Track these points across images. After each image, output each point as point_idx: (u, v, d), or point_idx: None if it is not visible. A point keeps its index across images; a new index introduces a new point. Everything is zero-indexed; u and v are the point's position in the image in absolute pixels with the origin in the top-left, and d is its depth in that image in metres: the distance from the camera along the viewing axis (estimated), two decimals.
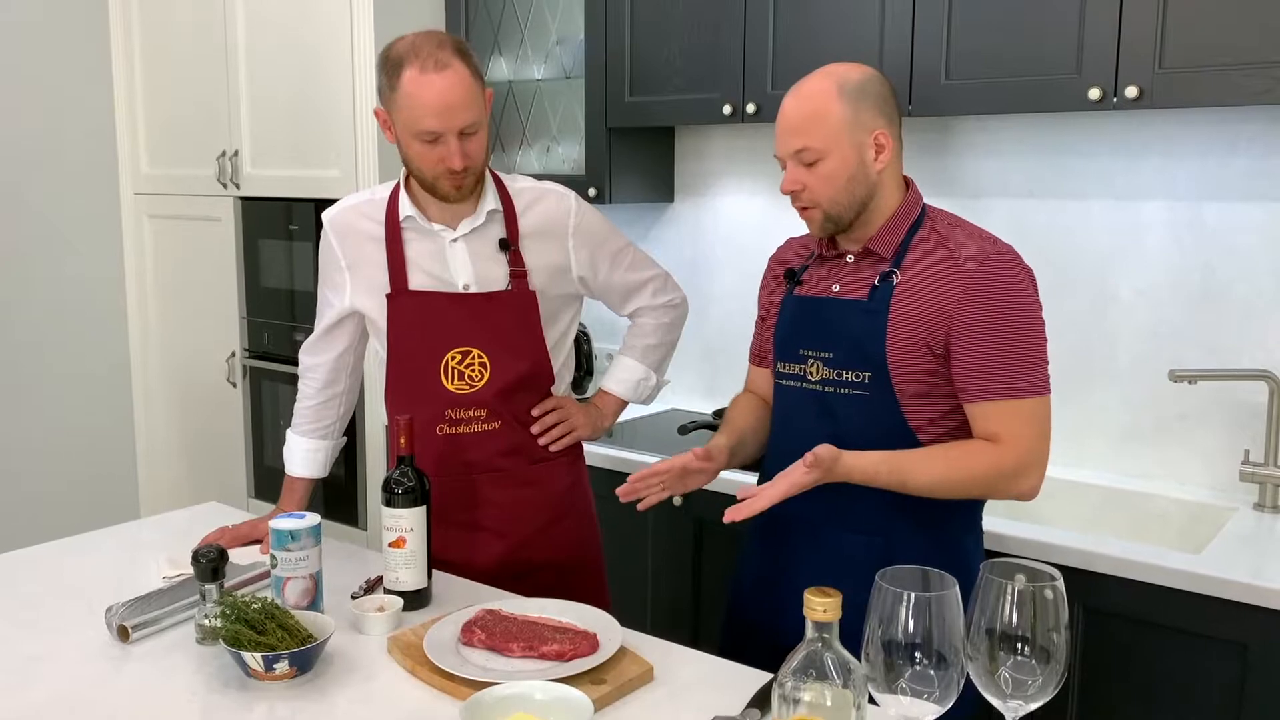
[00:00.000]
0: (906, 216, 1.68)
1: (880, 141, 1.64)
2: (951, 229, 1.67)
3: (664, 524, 2.61)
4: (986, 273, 1.59)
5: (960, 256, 1.62)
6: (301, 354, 2.09)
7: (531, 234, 1.96)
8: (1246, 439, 2.33)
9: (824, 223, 1.68)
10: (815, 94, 1.63)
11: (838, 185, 1.64)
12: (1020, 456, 1.59)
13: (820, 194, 1.65)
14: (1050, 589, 1.12)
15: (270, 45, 3.31)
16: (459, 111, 1.78)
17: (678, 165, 3.15)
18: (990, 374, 1.58)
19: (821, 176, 1.64)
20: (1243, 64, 2.00)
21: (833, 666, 1.09)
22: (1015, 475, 1.60)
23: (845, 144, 1.62)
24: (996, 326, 1.58)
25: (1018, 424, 1.59)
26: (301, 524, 1.67)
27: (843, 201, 1.65)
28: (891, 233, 1.67)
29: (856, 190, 1.64)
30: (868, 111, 1.63)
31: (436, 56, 1.77)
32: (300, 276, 3.36)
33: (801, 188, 1.66)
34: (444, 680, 1.46)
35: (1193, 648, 1.92)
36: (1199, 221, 2.36)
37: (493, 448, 1.96)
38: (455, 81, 1.77)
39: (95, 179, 3.81)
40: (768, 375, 1.87)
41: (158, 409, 3.93)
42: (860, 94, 1.62)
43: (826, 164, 1.63)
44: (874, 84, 1.65)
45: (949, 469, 1.59)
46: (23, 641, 1.63)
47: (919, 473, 1.59)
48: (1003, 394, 1.58)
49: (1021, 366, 1.58)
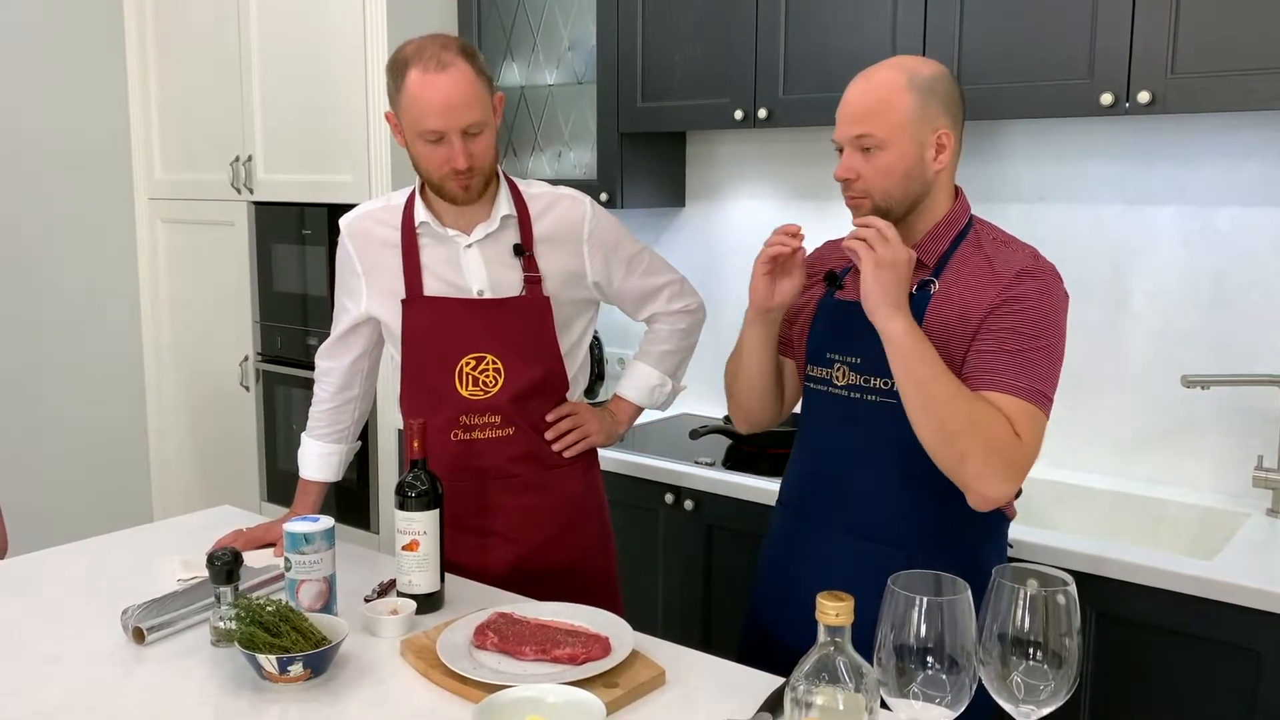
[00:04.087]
0: (952, 225, 1.65)
1: (942, 141, 1.61)
2: (996, 244, 1.64)
3: (676, 528, 2.61)
4: (1021, 280, 1.57)
5: (999, 269, 1.59)
6: (318, 358, 2.10)
7: (546, 239, 1.96)
8: (1259, 445, 2.32)
9: (871, 214, 1.64)
10: (884, 83, 1.60)
11: (893, 179, 1.61)
12: (1022, 453, 1.52)
13: (874, 185, 1.62)
14: (1063, 594, 1.12)
15: (283, 51, 3.32)
16: (461, 111, 1.78)
17: (689, 170, 3.16)
18: (999, 368, 1.54)
19: (879, 168, 1.61)
20: (1255, 69, 2.00)
21: (845, 670, 1.09)
22: (1012, 463, 1.51)
23: (908, 138, 1.59)
24: (1017, 327, 1.55)
25: (1020, 418, 1.52)
26: (315, 527, 1.67)
27: (895, 196, 1.62)
28: (935, 241, 1.65)
29: (911, 187, 1.61)
30: (935, 108, 1.60)
31: (440, 57, 1.78)
32: (313, 281, 3.37)
33: (856, 176, 1.63)
34: (457, 683, 1.47)
35: (1205, 654, 1.91)
36: (1211, 227, 2.36)
37: (507, 453, 1.97)
38: (458, 80, 1.78)
39: (109, 184, 3.84)
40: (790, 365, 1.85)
41: (171, 413, 3.95)
42: (930, 89, 1.59)
43: (885, 155, 1.60)
44: (944, 82, 1.62)
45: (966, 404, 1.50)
46: (39, 642, 1.64)
47: (945, 377, 1.50)
48: (1003, 389, 1.53)
49: (1030, 373, 1.54)
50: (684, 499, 2.57)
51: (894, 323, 1.51)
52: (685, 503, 2.57)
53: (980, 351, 1.56)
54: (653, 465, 2.62)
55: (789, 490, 1.82)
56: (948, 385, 1.50)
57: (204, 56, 3.58)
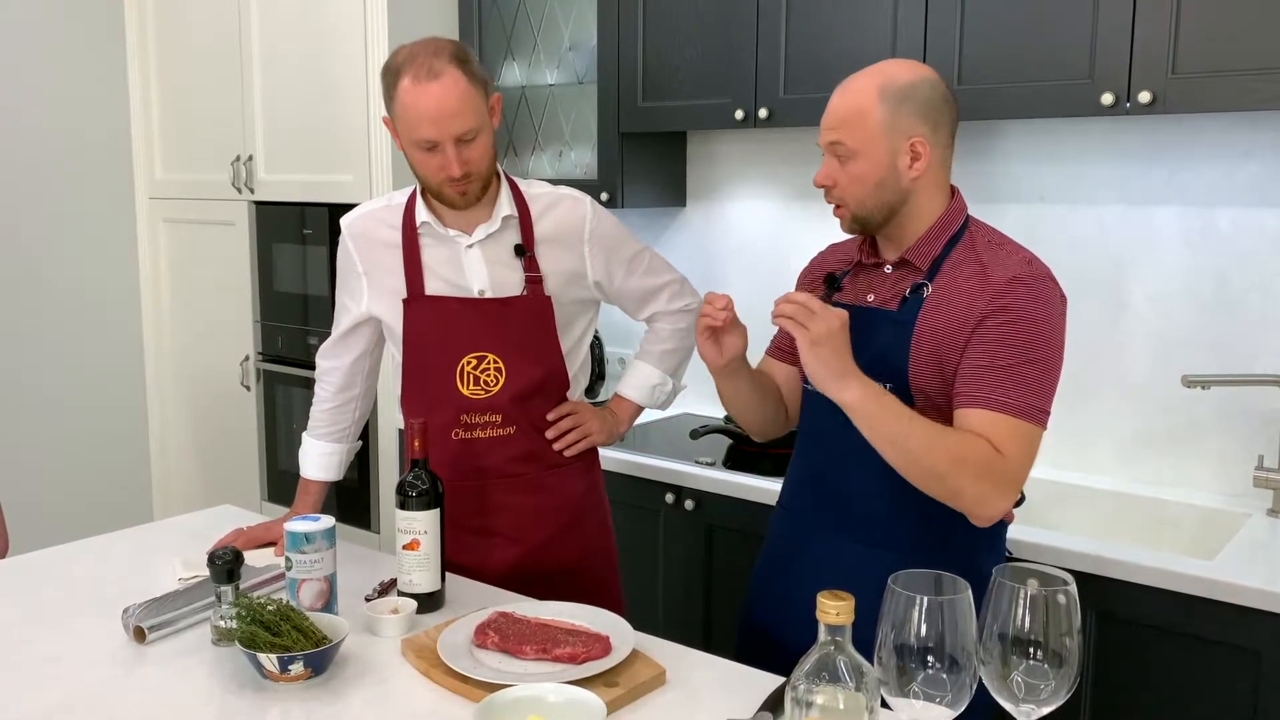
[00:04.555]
0: (946, 228, 1.64)
1: (917, 149, 1.59)
2: (990, 246, 1.62)
3: (676, 527, 2.61)
4: (1014, 288, 1.55)
5: (992, 272, 1.57)
6: (318, 357, 2.10)
7: (547, 239, 1.96)
8: (1260, 445, 2.32)
9: (851, 222, 1.66)
10: (857, 91, 1.60)
11: (865, 188, 1.61)
12: (1011, 469, 1.51)
13: (848, 193, 1.62)
14: (1063, 594, 1.12)
15: (284, 51, 3.32)
16: (452, 119, 1.78)
17: (690, 170, 3.16)
18: (989, 385, 1.52)
19: (852, 175, 1.61)
20: (1256, 69, 2.00)
21: (845, 670, 1.09)
22: (999, 478, 1.50)
23: (879, 147, 1.58)
24: (1009, 340, 1.53)
25: (1007, 438, 1.51)
26: (316, 526, 1.68)
27: (869, 205, 1.62)
28: (929, 244, 1.63)
29: (885, 196, 1.61)
30: (908, 117, 1.58)
31: (430, 65, 1.77)
32: (314, 280, 3.37)
33: (833, 184, 1.63)
34: (457, 682, 1.47)
35: (1206, 654, 1.91)
36: (1212, 227, 2.36)
37: (508, 453, 1.97)
38: (449, 88, 1.77)
39: (110, 183, 3.84)
40: (785, 370, 1.86)
41: (172, 412, 3.95)
42: (902, 97, 1.58)
43: (857, 164, 1.60)
44: (922, 88, 1.59)
45: (942, 445, 1.49)
46: (39, 642, 1.64)
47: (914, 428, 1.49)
48: (994, 406, 1.51)
49: (1024, 388, 1.52)
50: (684, 499, 2.57)
51: (847, 393, 1.51)
52: (686, 502, 2.57)
53: (972, 366, 1.55)
54: (653, 465, 2.62)
55: (787, 493, 1.82)
56: (919, 436, 1.50)
57: (205, 56, 3.58)
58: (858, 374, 1.51)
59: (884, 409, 1.51)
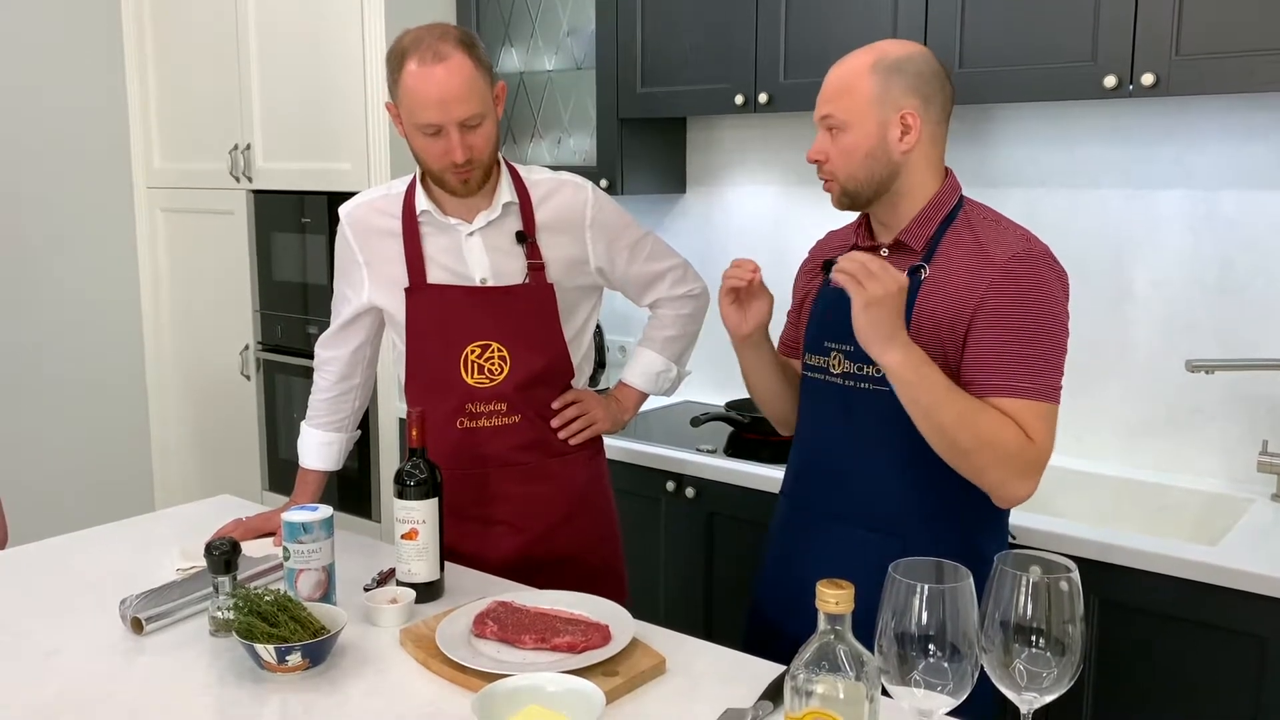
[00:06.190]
0: (940, 208, 1.63)
1: (907, 122, 1.59)
2: (986, 224, 1.62)
3: (677, 516, 2.60)
4: (1013, 268, 1.54)
5: (991, 252, 1.57)
6: (318, 347, 2.09)
7: (548, 226, 1.95)
8: (1264, 430, 2.31)
9: (840, 197, 1.65)
10: (851, 65, 1.62)
11: (855, 160, 1.61)
12: (1039, 455, 1.53)
13: (838, 167, 1.62)
14: (1065, 581, 1.11)
15: (282, 38, 3.31)
16: (457, 103, 1.77)
17: (689, 156, 3.14)
18: (999, 371, 1.53)
19: (842, 148, 1.61)
20: (1261, 50, 1.98)
21: (845, 659, 1.08)
22: (1027, 465, 1.52)
23: (869, 119, 1.59)
24: (1014, 323, 1.53)
25: (1033, 422, 1.53)
26: (314, 516, 1.67)
27: (859, 178, 1.62)
28: (923, 225, 1.63)
29: (875, 168, 1.61)
30: (899, 89, 1.58)
31: (436, 48, 1.76)
32: (313, 269, 3.36)
33: (825, 158, 1.64)
34: (456, 672, 1.46)
35: (1209, 640, 1.90)
36: (1216, 211, 2.35)
37: (512, 441, 1.96)
38: (454, 72, 1.76)
39: (108, 173, 3.83)
40: (795, 367, 1.85)
41: (171, 402, 3.95)
42: (895, 70, 1.58)
43: (847, 136, 1.60)
44: (914, 62, 1.60)
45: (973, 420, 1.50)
46: (37, 634, 1.64)
47: (948, 401, 1.49)
48: (1016, 393, 1.52)
49: (1033, 369, 1.53)
50: (685, 487, 2.56)
51: (889, 356, 1.50)
52: (686, 490, 2.56)
53: (981, 353, 1.55)
54: (654, 453, 2.61)
55: (789, 480, 1.81)
56: (952, 407, 1.50)
57: (202, 45, 3.57)
58: (905, 339, 1.50)
59: (922, 377, 1.50)
